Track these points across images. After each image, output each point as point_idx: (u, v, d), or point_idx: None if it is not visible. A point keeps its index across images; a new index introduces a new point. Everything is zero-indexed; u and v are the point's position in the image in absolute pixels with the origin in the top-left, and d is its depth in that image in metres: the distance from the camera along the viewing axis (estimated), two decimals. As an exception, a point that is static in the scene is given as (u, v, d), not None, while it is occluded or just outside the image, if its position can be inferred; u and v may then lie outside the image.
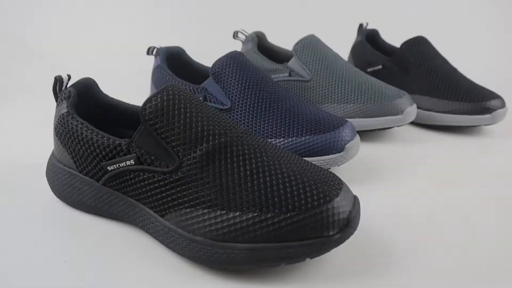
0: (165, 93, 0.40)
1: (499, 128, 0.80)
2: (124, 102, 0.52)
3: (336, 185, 0.39)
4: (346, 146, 0.53)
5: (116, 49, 1.27)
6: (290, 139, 0.54)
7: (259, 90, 0.58)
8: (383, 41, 0.98)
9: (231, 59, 0.60)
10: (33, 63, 1.17)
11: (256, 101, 0.57)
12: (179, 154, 0.39)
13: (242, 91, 0.58)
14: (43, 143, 0.63)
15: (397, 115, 0.68)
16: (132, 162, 0.41)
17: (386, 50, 0.96)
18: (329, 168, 0.54)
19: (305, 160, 0.42)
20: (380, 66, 0.87)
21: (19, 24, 1.30)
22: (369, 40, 0.97)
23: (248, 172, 0.38)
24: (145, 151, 0.40)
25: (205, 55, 0.94)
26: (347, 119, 0.69)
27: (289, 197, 0.37)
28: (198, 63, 0.73)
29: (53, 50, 1.24)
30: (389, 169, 0.61)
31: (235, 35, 0.87)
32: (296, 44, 0.75)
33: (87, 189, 0.46)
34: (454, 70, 0.81)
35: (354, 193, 0.52)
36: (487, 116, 0.74)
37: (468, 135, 0.76)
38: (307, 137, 0.53)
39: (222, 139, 0.39)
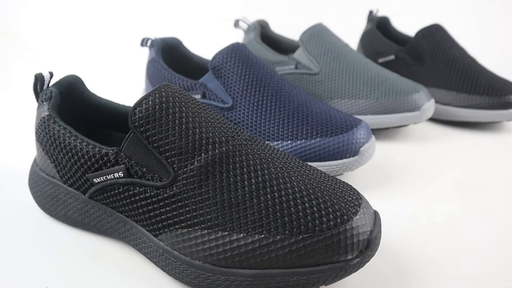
0: (157, 94, 0.35)
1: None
2: (113, 102, 0.47)
3: (354, 201, 0.34)
4: (361, 149, 0.49)
5: (107, 41, 1.20)
6: (298, 142, 0.49)
7: (263, 86, 0.53)
8: (395, 30, 0.93)
9: (232, 51, 0.55)
10: (13, 56, 1.09)
11: (260, 98, 0.52)
12: (174, 166, 0.34)
13: (244, 87, 0.53)
14: (27, 145, 0.59)
15: (413, 111, 0.63)
16: (120, 174, 0.36)
17: (398, 39, 0.91)
18: (342, 174, 0.50)
19: (317, 170, 0.38)
20: (392, 57, 0.82)
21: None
22: (379, 28, 0.92)
23: (253, 187, 0.34)
24: (136, 162, 0.36)
25: (204, 46, 0.89)
26: (359, 116, 0.64)
27: (301, 217, 0.32)
28: (197, 56, 0.68)
29: (35, 43, 1.15)
30: (406, 172, 0.56)
31: (236, 24, 0.82)
32: (303, 34, 0.71)
33: (72, 202, 0.42)
34: (473, 60, 0.76)
35: (369, 202, 0.48)
36: (511, 111, 0.69)
37: (490, 132, 0.72)
38: (318, 139, 0.49)
39: (224, 148, 0.35)
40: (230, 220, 0.33)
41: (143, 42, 0.67)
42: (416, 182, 0.54)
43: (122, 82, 0.89)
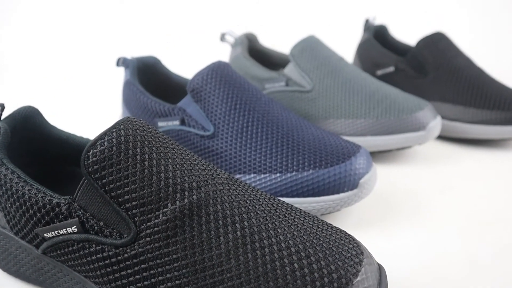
0: (114, 133, 0.30)
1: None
2: (76, 136, 0.42)
3: (354, 257, 0.29)
4: (361, 181, 0.43)
5: (78, 61, 1.12)
6: (289, 175, 0.44)
7: (248, 110, 0.48)
8: (393, 39, 0.88)
9: (213, 71, 0.50)
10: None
11: (245, 125, 0.47)
12: (136, 219, 0.29)
13: (227, 112, 0.48)
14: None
15: (418, 131, 0.58)
16: (74, 229, 0.31)
17: (397, 49, 0.86)
18: (339, 210, 0.44)
19: (308, 216, 0.33)
20: (392, 68, 0.77)
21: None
22: (377, 38, 0.87)
23: (231, 243, 0.28)
24: (92, 215, 0.31)
25: (186, 65, 0.84)
26: (357, 138, 0.59)
27: (290, 281, 0.27)
28: (177, 76, 0.63)
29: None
30: (412, 201, 0.51)
31: (222, 38, 0.77)
32: (293, 47, 0.66)
33: (24, 257, 0.36)
34: (480, 71, 0.71)
35: (370, 244, 0.42)
36: (525, 126, 0.64)
37: (503, 150, 0.66)
38: (311, 172, 0.43)
39: (195, 197, 0.29)
40: (203, 286, 0.28)
41: (119, 62, 0.62)
42: (424, 213, 0.49)
43: (97, 108, 0.83)
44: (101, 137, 0.30)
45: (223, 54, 0.99)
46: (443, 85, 0.70)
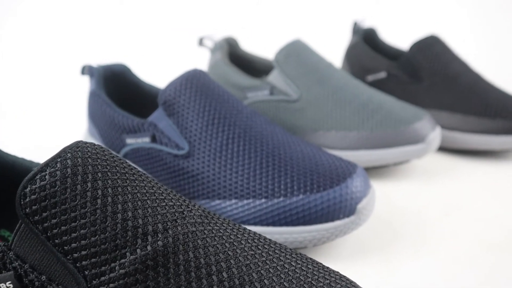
0: (59, 164, 0.24)
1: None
2: (24, 161, 0.36)
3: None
4: (358, 206, 0.38)
5: (37, 69, 1.03)
6: (275, 201, 0.38)
7: (228, 125, 0.43)
8: (383, 43, 0.83)
9: (188, 81, 0.45)
10: None
11: (224, 142, 0.42)
12: (86, 273, 0.23)
13: (204, 127, 0.42)
14: None
15: (417, 143, 0.53)
16: (9, 285, 0.25)
17: (388, 53, 0.81)
18: (334, 239, 0.39)
19: (296, 255, 0.27)
20: (383, 73, 0.72)
21: None
22: (366, 41, 0.82)
23: (205, 303, 0.23)
24: (31, 267, 0.25)
25: (160, 73, 0.78)
26: (350, 152, 0.54)
27: None
28: (150, 86, 0.57)
29: None
30: (414, 225, 0.46)
31: (201, 42, 0.72)
32: (278, 52, 0.60)
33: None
34: (478, 76, 0.67)
35: (370, 279, 0.37)
36: (530, 136, 0.60)
37: (508, 162, 0.62)
38: (301, 196, 0.38)
39: (160, 242, 0.24)
40: None
41: (84, 70, 0.56)
42: (430, 238, 0.44)
43: (60, 123, 0.76)
44: (42, 169, 0.24)
45: (202, 60, 0.93)
46: (440, 91, 0.65)
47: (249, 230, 0.29)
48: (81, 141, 0.27)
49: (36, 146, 0.64)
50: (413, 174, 0.57)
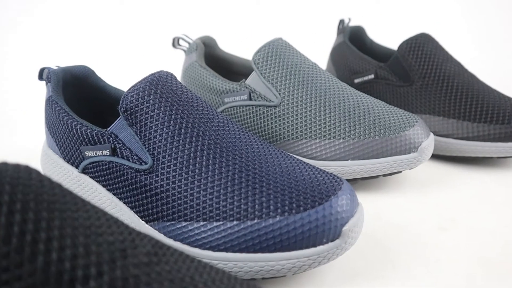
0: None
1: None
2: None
3: None
4: (344, 229, 0.33)
5: None
6: (249, 223, 0.33)
7: (197, 135, 0.38)
8: (372, 42, 0.79)
9: (152, 86, 0.40)
10: None
11: (192, 155, 0.37)
12: None
13: (169, 138, 0.38)
14: None
15: (409, 153, 0.49)
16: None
17: (377, 53, 0.77)
18: (316, 267, 0.34)
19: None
20: (372, 75, 0.68)
21: None
22: (353, 41, 0.78)
23: None
24: None
25: (130, 77, 0.73)
26: (335, 164, 0.49)
27: None
28: (117, 90, 0.52)
29: None
30: (409, 243, 0.41)
31: (176, 43, 0.67)
32: (256, 53, 0.56)
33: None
34: (473, 77, 0.63)
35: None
36: (530, 142, 0.56)
37: (504, 170, 0.58)
38: (278, 218, 0.33)
39: (91, 293, 0.19)
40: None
41: (42, 74, 0.51)
42: (426, 257, 0.39)
43: (17, 132, 0.71)
44: None
45: (177, 62, 0.88)
46: (432, 95, 0.61)
47: (210, 266, 0.24)
48: (3, 163, 0.22)
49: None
50: (404, 186, 0.53)
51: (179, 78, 0.69)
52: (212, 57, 0.68)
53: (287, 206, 0.33)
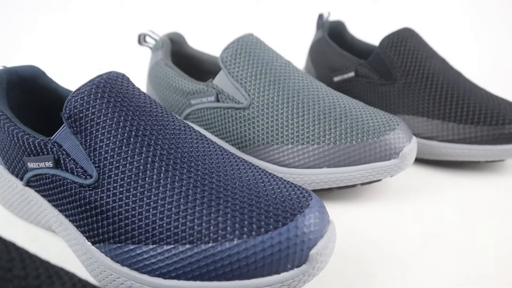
0: None
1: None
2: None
3: None
4: (312, 252, 0.29)
5: None
6: (203, 247, 0.29)
7: (148, 144, 0.34)
8: (353, 37, 0.75)
9: (99, 89, 0.36)
10: None
11: (142, 167, 0.33)
12: None
13: (117, 148, 0.34)
14: None
15: (389, 159, 0.45)
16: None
17: (358, 49, 0.73)
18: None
19: None
20: (352, 73, 0.64)
21: None
22: (333, 36, 0.74)
23: None
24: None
25: (88, 77, 0.69)
26: (308, 169, 0.46)
27: None
28: (67, 90, 0.48)
29: None
30: (385, 260, 0.38)
31: (142, 40, 0.63)
32: (224, 50, 0.52)
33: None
34: (459, 75, 0.59)
35: None
36: (519, 145, 0.52)
37: (492, 175, 0.54)
38: (236, 242, 0.29)
39: None
40: None
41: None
42: (404, 278, 0.36)
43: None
44: None
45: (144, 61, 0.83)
46: (415, 94, 0.57)
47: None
48: None
49: None
50: (384, 196, 0.49)
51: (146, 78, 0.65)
52: (181, 55, 0.64)
53: (246, 228, 0.29)
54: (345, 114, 0.47)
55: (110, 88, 0.36)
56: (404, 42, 0.60)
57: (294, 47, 0.94)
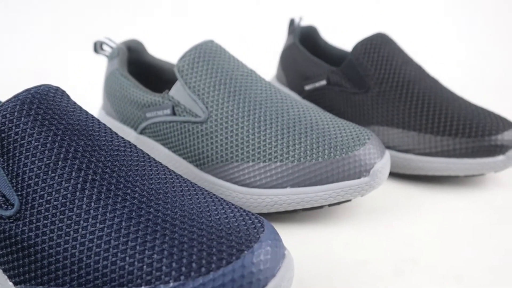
0: None
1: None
2: None
3: None
4: (264, 292, 0.26)
5: None
6: (134, 292, 0.25)
7: (78, 168, 0.30)
8: (326, 43, 0.72)
9: (25, 105, 0.32)
10: None
11: (71, 195, 0.29)
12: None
13: (43, 174, 0.30)
14: None
15: (359, 177, 0.41)
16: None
17: (331, 56, 0.70)
18: None
19: None
20: (324, 82, 0.61)
21: None
22: (305, 42, 0.71)
23: None
24: None
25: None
26: (270, 190, 0.42)
27: None
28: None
29: None
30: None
31: (98, 48, 0.59)
32: (180, 58, 0.48)
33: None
34: (435, 83, 0.56)
35: None
36: (499, 158, 0.49)
37: (472, 190, 0.51)
38: (172, 284, 0.25)
39: None
40: None
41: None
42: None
43: None
44: None
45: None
46: (390, 103, 0.54)
47: None
48: None
49: None
50: (354, 217, 0.45)
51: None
52: (140, 64, 0.60)
53: (184, 267, 0.25)
54: (310, 128, 0.43)
55: (38, 104, 0.32)
56: (378, 48, 0.57)
57: (268, 55, 0.90)
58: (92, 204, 0.29)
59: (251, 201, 0.42)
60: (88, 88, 0.77)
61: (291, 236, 0.41)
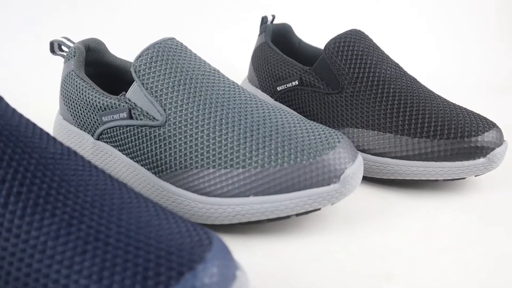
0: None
1: (497, 177, 0.52)
2: None
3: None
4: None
5: None
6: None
7: (10, 176, 0.26)
8: (300, 41, 0.69)
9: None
10: None
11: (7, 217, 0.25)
12: None
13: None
14: None
15: (328, 184, 0.38)
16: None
17: (306, 55, 0.67)
18: None
19: None
20: (296, 82, 0.58)
21: None
22: (278, 41, 0.68)
23: None
24: None
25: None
26: (232, 199, 0.38)
27: None
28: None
29: None
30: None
31: (56, 48, 0.55)
32: (138, 57, 0.44)
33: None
34: (413, 81, 0.53)
35: None
36: (480, 161, 0.47)
37: (452, 195, 0.48)
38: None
39: None
40: None
41: None
42: None
43: None
44: None
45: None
46: (365, 104, 0.51)
47: None
48: None
49: None
50: (324, 228, 0.42)
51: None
52: (100, 65, 0.57)
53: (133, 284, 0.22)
54: (276, 131, 0.40)
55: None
56: (352, 45, 0.54)
57: (242, 55, 0.87)
58: (15, 221, 0.25)
59: (211, 211, 0.39)
60: (45, 92, 0.73)
61: (254, 250, 0.38)
